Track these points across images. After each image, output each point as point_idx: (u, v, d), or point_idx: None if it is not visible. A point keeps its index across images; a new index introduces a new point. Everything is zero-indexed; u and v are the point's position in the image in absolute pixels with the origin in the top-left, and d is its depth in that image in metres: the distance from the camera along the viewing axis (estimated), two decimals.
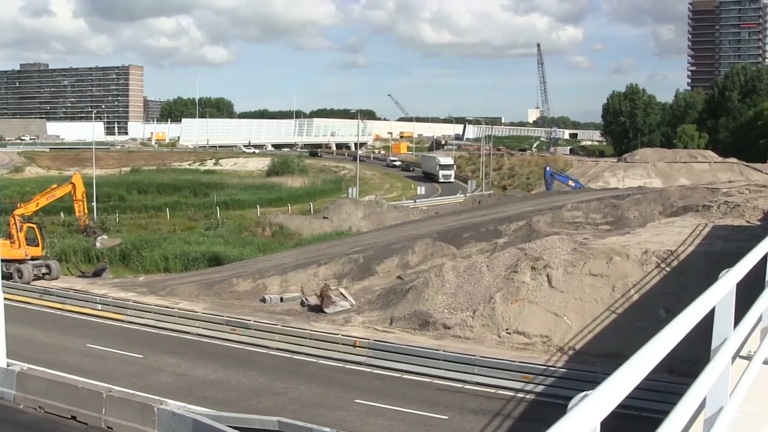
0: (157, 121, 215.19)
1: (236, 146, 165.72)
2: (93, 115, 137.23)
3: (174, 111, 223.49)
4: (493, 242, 42.43)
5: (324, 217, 66.20)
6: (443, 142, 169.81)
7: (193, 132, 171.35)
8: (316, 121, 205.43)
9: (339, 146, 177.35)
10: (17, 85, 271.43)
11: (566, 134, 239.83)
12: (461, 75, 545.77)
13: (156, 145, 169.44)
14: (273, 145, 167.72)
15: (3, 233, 42.45)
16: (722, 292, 4.01)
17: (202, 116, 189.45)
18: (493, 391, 23.57)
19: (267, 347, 28.63)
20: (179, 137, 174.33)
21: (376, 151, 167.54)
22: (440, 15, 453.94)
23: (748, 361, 5.09)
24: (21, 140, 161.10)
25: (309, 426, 17.78)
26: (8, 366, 22.66)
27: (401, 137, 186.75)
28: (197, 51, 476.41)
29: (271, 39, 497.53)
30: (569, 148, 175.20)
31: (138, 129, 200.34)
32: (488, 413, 21.97)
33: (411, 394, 23.67)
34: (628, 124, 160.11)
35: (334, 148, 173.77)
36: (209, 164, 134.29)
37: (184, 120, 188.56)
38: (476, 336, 28.65)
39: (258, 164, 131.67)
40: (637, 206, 47.68)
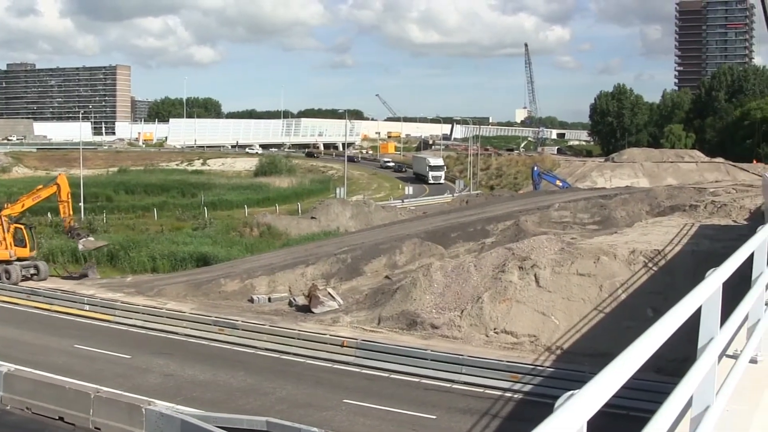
0: (145, 122, 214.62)
1: (224, 146, 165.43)
2: (80, 115, 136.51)
3: (161, 111, 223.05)
4: (481, 242, 42.49)
5: (312, 217, 66.13)
6: (431, 142, 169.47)
7: (181, 132, 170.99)
8: (304, 121, 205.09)
9: (327, 146, 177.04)
10: (4, 86, 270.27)
11: (554, 134, 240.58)
12: (449, 75, 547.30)
13: (143, 146, 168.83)
14: (261, 145, 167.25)
15: None
16: (709, 292, 4.03)
17: (190, 116, 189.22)
18: (481, 391, 23.60)
19: (255, 347, 28.58)
20: (167, 137, 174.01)
21: (364, 151, 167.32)
22: (428, 15, 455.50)
23: (735, 360, 5.12)
24: (8, 140, 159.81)
25: (297, 426, 17.77)
26: None
27: (389, 137, 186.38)
28: (185, 51, 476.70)
29: (259, 39, 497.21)
30: (557, 148, 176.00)
31: (125, 129, 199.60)
32: (476, 413, 22.00)
33: (399, 394, 23.67)
34: (616, 124, 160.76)
35: (322, 148, 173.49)
36: (197, 164, 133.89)
37: (172, 120, 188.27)
38: (464, 336, 28.69)
39: (246, 164, 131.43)
40: (625, 206, 47.84)
